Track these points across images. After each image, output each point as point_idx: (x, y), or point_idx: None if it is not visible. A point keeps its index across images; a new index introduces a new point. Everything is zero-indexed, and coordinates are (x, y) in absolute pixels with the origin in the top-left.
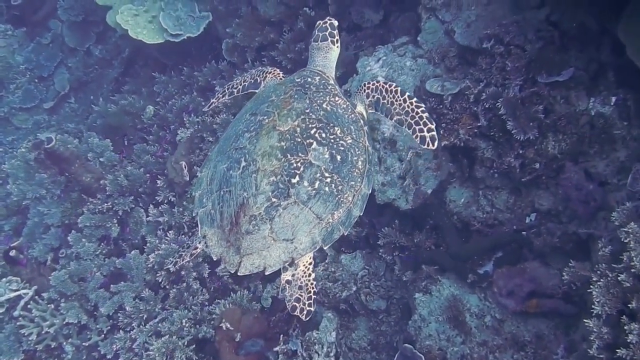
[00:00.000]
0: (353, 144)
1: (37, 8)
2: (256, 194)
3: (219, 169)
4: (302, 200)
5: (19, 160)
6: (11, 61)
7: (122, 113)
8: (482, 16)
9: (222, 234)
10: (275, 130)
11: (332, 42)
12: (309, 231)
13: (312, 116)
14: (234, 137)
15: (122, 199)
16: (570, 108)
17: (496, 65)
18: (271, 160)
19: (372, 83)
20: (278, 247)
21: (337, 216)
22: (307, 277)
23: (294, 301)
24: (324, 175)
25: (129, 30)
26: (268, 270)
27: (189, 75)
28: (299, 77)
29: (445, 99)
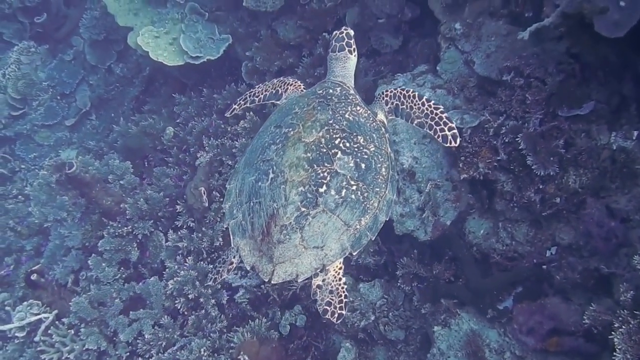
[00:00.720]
0: (376, 151)
1: (60, 25)
2: (286, 205)
3: (247, 181)
4: (330, 208)
5: (41, 182)
6: (34, 78)
7: (142, 134)
8: (501, 47)
9: (254, 244)
10: (300, 141)
11: (349, 51)
12: (338, 238)
13: (336, 126)
14: (260, 150)
15: (141, 223)
16: (591, 142)
17: (516, 97)
18: (299, 171)
19: (390, 90)
20: (309, 255)
21: (364, 222)
22: (338, 282)
23: (325, 305)
24: (350, 184)
25: (150, 52)
26: (300, 278)
27: (209, 97)
28: (320, 88)
29: (464, 132)
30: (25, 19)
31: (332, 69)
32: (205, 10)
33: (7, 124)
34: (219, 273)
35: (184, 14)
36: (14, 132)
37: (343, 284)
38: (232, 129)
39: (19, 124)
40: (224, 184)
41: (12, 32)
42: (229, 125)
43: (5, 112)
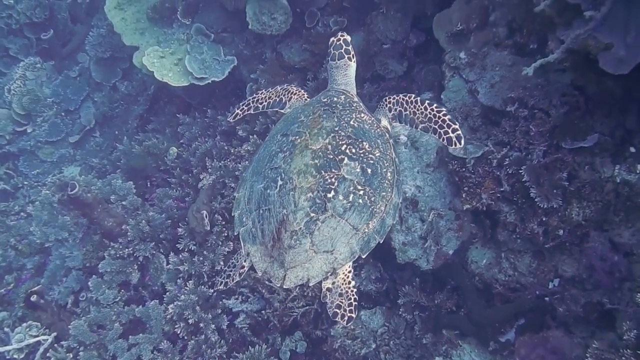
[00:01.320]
0: (381, 156)
1: (66, 41)
2: (295, 210)
3: (256, 188)
4: (339, 213)
5: (43, 201)
6: (39, 94)
7: (145, 154)
8: (506, 77)
9: (265, 250)
10: (308, 149)
11: (348, 58)
12: (347, 242)
13: (342, 133)
14: (267, 158)
15: (143, 245)
16: (595, 175)
17: (520, 128)
18: (307, 178)
19: (392, 97)
20: (319, 259)
21: (372, 226)
22: (347, 285)
23: (335, 308)
24: (357, 188)
25: (155, 72)
26: (312, 282)
27: (213, 118)
28: (325, 97)
29: (468, 163)
30: (31, 35)
31: (334, 78)
32: (211, 31)
33: (11, 140)
34: (230, 277)
35: (190, 35)
36: (17, 148)
37: (352, 287)
38: (236, 151)
39: (22, 139)
40: (227, 207)
41: (19, 47)
42: (232, 147)
43: (10, 128)
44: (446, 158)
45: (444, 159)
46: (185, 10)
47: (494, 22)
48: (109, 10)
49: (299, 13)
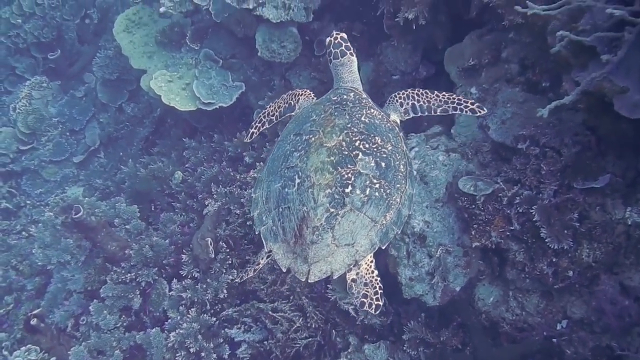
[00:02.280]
0: (393, 150)
1: (73, 61)
2: (315, 207)
3: (273, 188)
4: (357, 207)
5: (46, 224)
6: (44, 113)
7: (150, 177)
8: (517, 114)
9: (288, 247)
10: (323, 146)
11: (350, 54)
12: (366, 234)
13: (354, 129)
14: (282, 158)
15: (146, 270)
16: (606, 216)
17: (531, 166)
18: (324, 175)
19: (402, 93)
20: (341, 252)
21: (389, 217)
22: (371, 274)
23: (362, 297)
24: (373, 182)
25: (162, 97)
26: (335, 275)
27: (219, 143)
28: (334, 95)
29: (478, 200)
30: (38, 54)
31: (340, 76)
32: (220, 57)
33: (15, 159)
34: (246, 272)
35: (198, 60)
36: (21, 167)
37: (376, 275)
38: (242, 177)
39: (26, 158)
40: (231, 234)
41: (25, 66)
42: (238, 174)
43: (14, 147)
44: (456, 194)
45: (453, 194)
46: (194, 35)
47: (506, 59)
48: (118, 33)
49: (308, 41)
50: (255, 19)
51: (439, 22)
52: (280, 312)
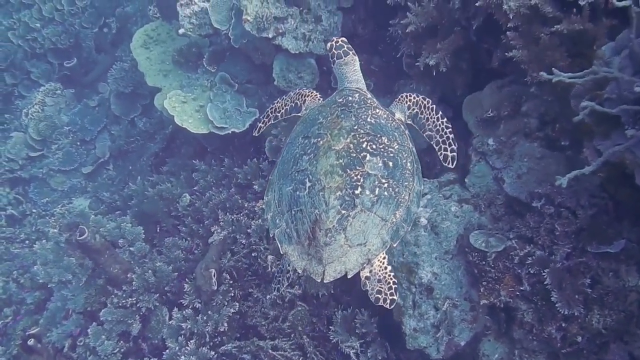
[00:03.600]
0: (400, 148)
1: (89, 70)
2: (327, 210)
3: (285, 191)
4: (367, 207)
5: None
6: (56, 121)
7: (157, 198)
8: (534, 170)
9: (302, 249)
10: (331, 149)
11: (352, 53)
12: (377, 233)
13: (361, 131)
14: (292, 161)
15: (147, 296)
16: (619, 283)
17: (545, 226)
18: (334, 177)
19: (413, 96)
20: (354, 252)
21: (399, 215)
22: (384, 270)
23: (376, 293)
24: (382, 182)
25: (175, 117)
26: (349, 274)
27: (229, 168)
28: (339, 97)
29: (488, 256)
30: (54, 60)
31: (345, 76)
32: (236, 81)
33: (24, 165)
34: (280, 283)
35: (214, 83)
36: (29, 174)
37: (389, 271)
38: (249, 206)
39: (35, 166)
40: (235, 265)
41: (41, 72)
42: (246, 201)
43: (24, 153)
44: (466, 248)
45: (463, 248)
46: (211, 58)
47: (526, 112)
48: (135, 48)
49: (326, 72)
50: (274, 47)
51: (460, 68)
52: (281, 350)
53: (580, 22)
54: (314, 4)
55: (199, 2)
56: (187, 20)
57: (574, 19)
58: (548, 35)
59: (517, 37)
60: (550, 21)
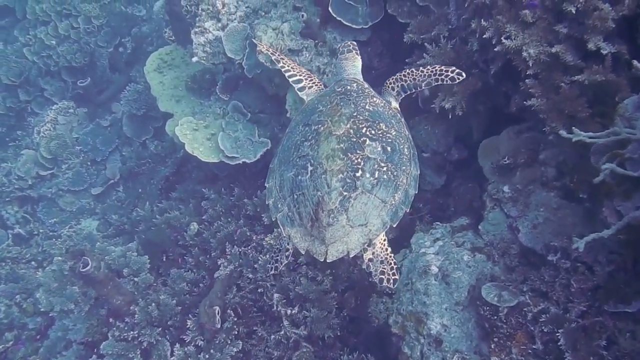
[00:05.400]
0: (397, 135)
1: (103, 89)
2: (329, 191)
3: (287, 176)
4: (368, 189)
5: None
6: (67, 140)
7: (165, 226)
8: (550, 220)
9: (305, 231)
10: (332, 135)
11: (356, 52)
12: (378, 214)
13: (360, 118)
14: (293, 148)
15: (149, 330)
16: (636, 345)
17: (560, 281)
18: (335, 161)
19: (392, 79)
20: (356, 233)
21: (397, 198)
22: (386, 252)
23: (380, 274)
24: (381, 166)
25: (186, 145)
26: (351, 253)
27: (239, 198)
28: (338, 86)
29: (501, 311)
30: (69, 78)
31: (343, 69)
32: (248, 110)
33: (33, 184)
34: (278, 262)
35: (226, 111)
36: (38, 194)
37: (390, 252)
38: (258, 239)
39: (45, 185)
40: (241, 302)
41: (54, 89)
42: (255, 234)
43: (34, 172)
44: (478, 301)
45: (475, 300)
46: (224, 86)
47: (544, 161)
48: (148, 72)
49: None
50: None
51: (477, 111)
52: None
53: (602, 72)
54: (329, 37)
55: (213, 31)
56: (201, 48)
57: (596, 69)
58: (568, 84)
59: (536, 85)
60: (571, 69)
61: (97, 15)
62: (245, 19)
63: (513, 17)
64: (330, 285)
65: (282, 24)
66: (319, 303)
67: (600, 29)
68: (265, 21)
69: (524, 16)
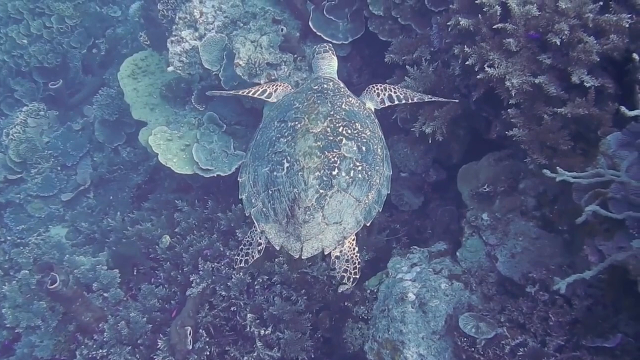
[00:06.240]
0: (371, 135)
1: (75, 91)
2: (306, 189)
3: (261, 172)
4: (343, 188)
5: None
6: (37, 144)
7: (136, 238)
8: (528, 250)
9: (280, 227)
10: (309, 132)
11: (332, 53)
12: (352, 213)
13: (337, 116)
14: (268, 143)
15: (118, 348)
16: None
17: (538, 313)
18: (312, 158)
19: (379, 85)
20: (331, 230)
21: (371, 197)
22: (353, 251)
23: (342, 272)
24: (356, 165)
25: (160, 155)
26: (326, 251)
27: (213, 211)
28: (314, 84)
29: (478, 343)
30: (40, 79)
31: (320, 67)
32: (224, 122)
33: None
34: (249, 255)
35: (201, 122)
36: (5, 199)
37: (356, 252)
38: (231, 254)
39: (13, 190)
40: (213, 321)
41: (25, 90)
42: (228, 249)
43: (1, 176)
44: (455, 332)
45: (452, 329)
46: (200, 96)
47: (523, 190)
48: (122, 77)
49: None
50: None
51: (457, 135)
52: None
53: (585, 106)
54: (308, 51)
55: (190, 40)
56: (177, 57)
57: (579, 103)
58: (551, 116)
59: (518, 115)
60: (554, 100)
61: (70, 15)
62: (223, 29)
63: (497, 45)
64: (304, 306)
65: (261, 37)
66: (293, 324)
67: (584, 62)
68: (244, 33)
69: (507, 44)
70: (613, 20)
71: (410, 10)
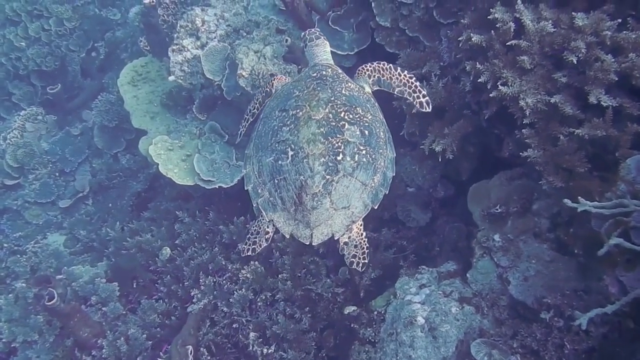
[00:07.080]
0: (373, 119)
1: (73, 95)
2: (312, 175)
3: (266, 162)
4: (349, 172)
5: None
6: (35, 149)
7: (136, 250)
8: (542, 273)
9: (288, 215)
10: (311, 119)
11: (324, 39)
12: (359, 196)
13: (338, 102)
14: (270, 133)
15: None
16: None
17: (553, 340)
18: (317, 145)
19: (369, 65)
20: (339, 215)
21: (376, 180)
22: (361, 237)
23: (352, 257)
24: (360, 149)
25: (160, 165)
26: (336, 236)
27: (215, 223)
28: (313, 72)
29: None
30: (38, 83)
31: (315, 55)
32: (226, 132)
33: None
34: (257, 244)
35: (203, 131)
36: (3, 205)
37: (364, 237)
38: (234, 269)
39: (10, 196)
40: (215, 339)
41: (23, 94)
42: (230, 263)
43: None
44: (466, 359)
45: (463, 356)
46: (201, 105)
47: (537, 212)
48: (122, 84)
49: None
50: None
51: (467, 152)
52: None
53: (602, 127)
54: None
55: (192, 49)
56: (178, 67)
57: (596, 124)
58: (567, 137)
59: (532, 135)
60: (569, 120)
61: (69, 18)
62: (225, 38)
63: (510, 62)
64: (309, 324)
65: (265, 47)
66: (297, 343)
67: (602, 81)
68: (246, 42)
69: (521, 62)
70: (632, 38)
71: (418, 22)
